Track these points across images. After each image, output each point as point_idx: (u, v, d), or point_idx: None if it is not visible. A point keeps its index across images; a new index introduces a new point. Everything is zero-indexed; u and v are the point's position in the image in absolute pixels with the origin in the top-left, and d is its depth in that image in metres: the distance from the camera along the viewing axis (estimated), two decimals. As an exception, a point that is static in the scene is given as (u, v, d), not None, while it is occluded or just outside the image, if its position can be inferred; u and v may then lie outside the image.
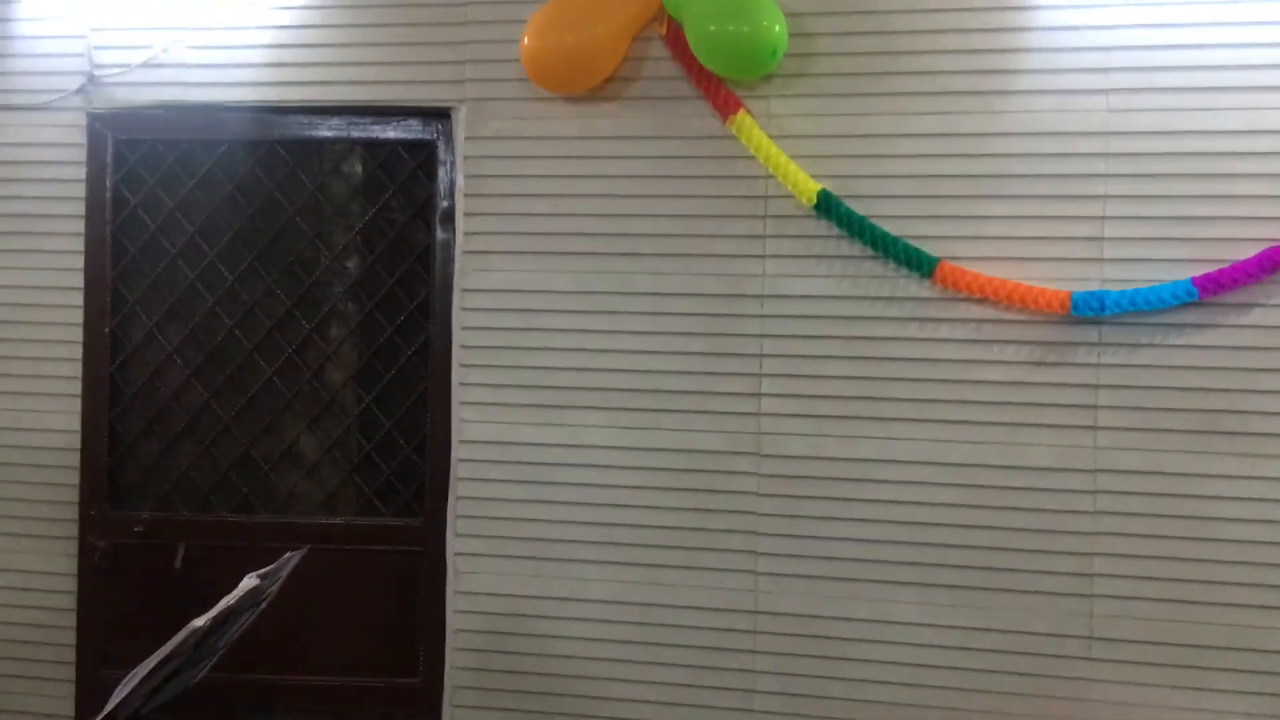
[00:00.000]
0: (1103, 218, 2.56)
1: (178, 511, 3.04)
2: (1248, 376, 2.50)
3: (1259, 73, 2.48)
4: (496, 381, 2.85)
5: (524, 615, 2.85)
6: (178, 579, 2.95)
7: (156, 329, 3.03)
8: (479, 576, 2.86)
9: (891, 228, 2.64)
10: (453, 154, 2.87)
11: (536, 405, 2.83)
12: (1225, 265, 2.48)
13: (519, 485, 2.84)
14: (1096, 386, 2.57)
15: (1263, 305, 2.49)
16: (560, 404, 2.81)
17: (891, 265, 2.65)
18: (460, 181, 2.85)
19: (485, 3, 2.83)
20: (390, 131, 2.94)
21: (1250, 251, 2.46)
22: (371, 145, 2.97)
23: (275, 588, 2.25)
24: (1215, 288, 2.47)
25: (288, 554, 2.28)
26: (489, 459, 2.85)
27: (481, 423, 2.85)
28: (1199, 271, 2.49)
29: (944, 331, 2.64)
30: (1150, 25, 2.53)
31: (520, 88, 2.79)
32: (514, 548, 2.85)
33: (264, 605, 2.26)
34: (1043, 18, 2.58)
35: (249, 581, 2.10)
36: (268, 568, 2.17)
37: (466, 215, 2.85)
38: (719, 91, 2.69)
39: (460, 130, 2.85)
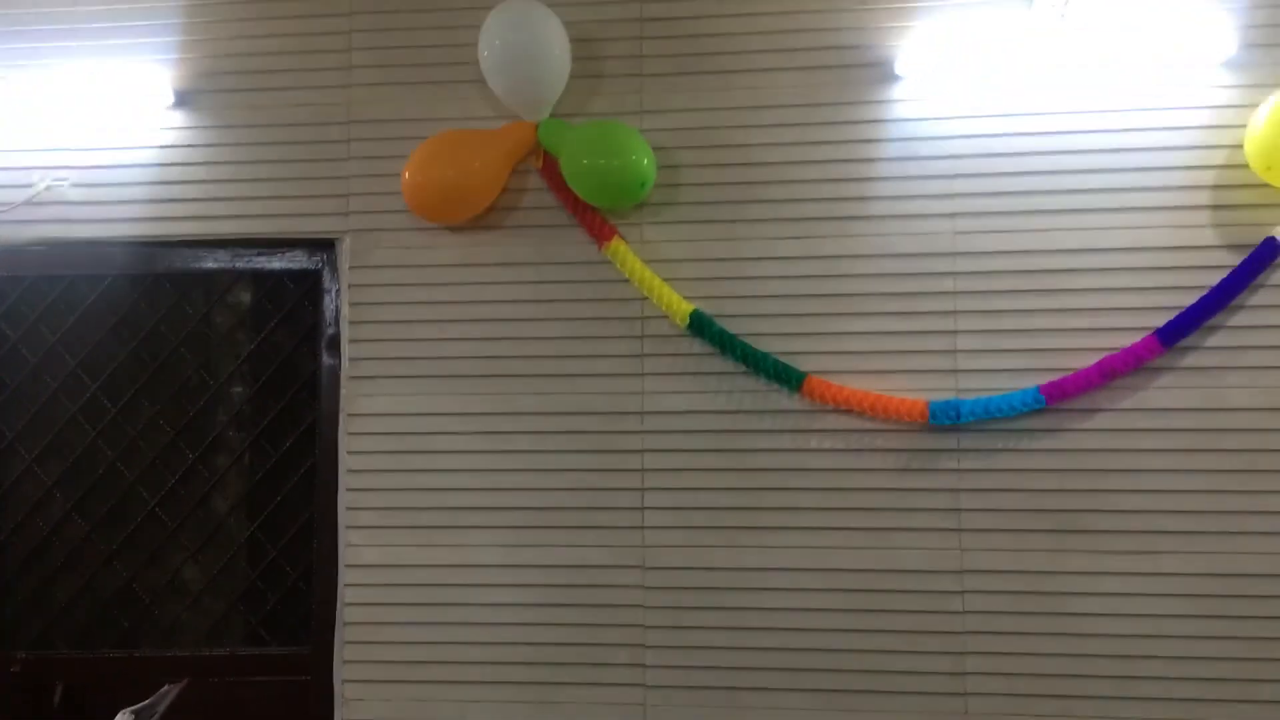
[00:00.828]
0: (955, 331, 2.72)
1: (56, 649, 2.97)
2: (1095, 477, 2.66)
3: (1090, 196, 2.70)
4: (384, 505, 2.87)
5: (414, 741, 2.83)
6: (57, 718, 2.86)
7: (36, 463, 3.00)
8: (367, 704, 2.84)
9: (761, 345, 2.77)
10: (338, 282, 2.94)
11: (424, 527, 2.86)
12: (1069, 373, 2.65)
13: (407, 608, 2.85)
14: (958, 490, 2.70)
15: (1105, 410, 2.66)
16: (448, 524, 2.85)
17: (763, 380, 2.77)
18: (345, 309, 2.91)
19: (368, 139, 2.93)
20: (276, 262, 3.01)
21: (1091, 360, 2.65)
22: (257, 276, 3.03)
23: (153, 724, 2.22)
24: (1060, 394, 2.64)
25: (165, 687, 2.25)
26: (377, 583, 2.86)
27: (369, 546, 2.87)
28: (1045, 380, 2.66)
29: (814, 442, 2.76)
30: (990, 155, 2.75)
31: (403, 218, 2.89)
32: (403, 672, 2.84)
33: (142, 743, 2.23)
34: (893, 149, 2.78)
35: (123, 719, 2.07)
36: (143, 703, 2.14)
37: (352, 342, 2.91)
38: (594, 220, 2.82)
39: (345, 260, 2.92)
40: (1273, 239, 2.59)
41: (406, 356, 2.90)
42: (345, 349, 2.91)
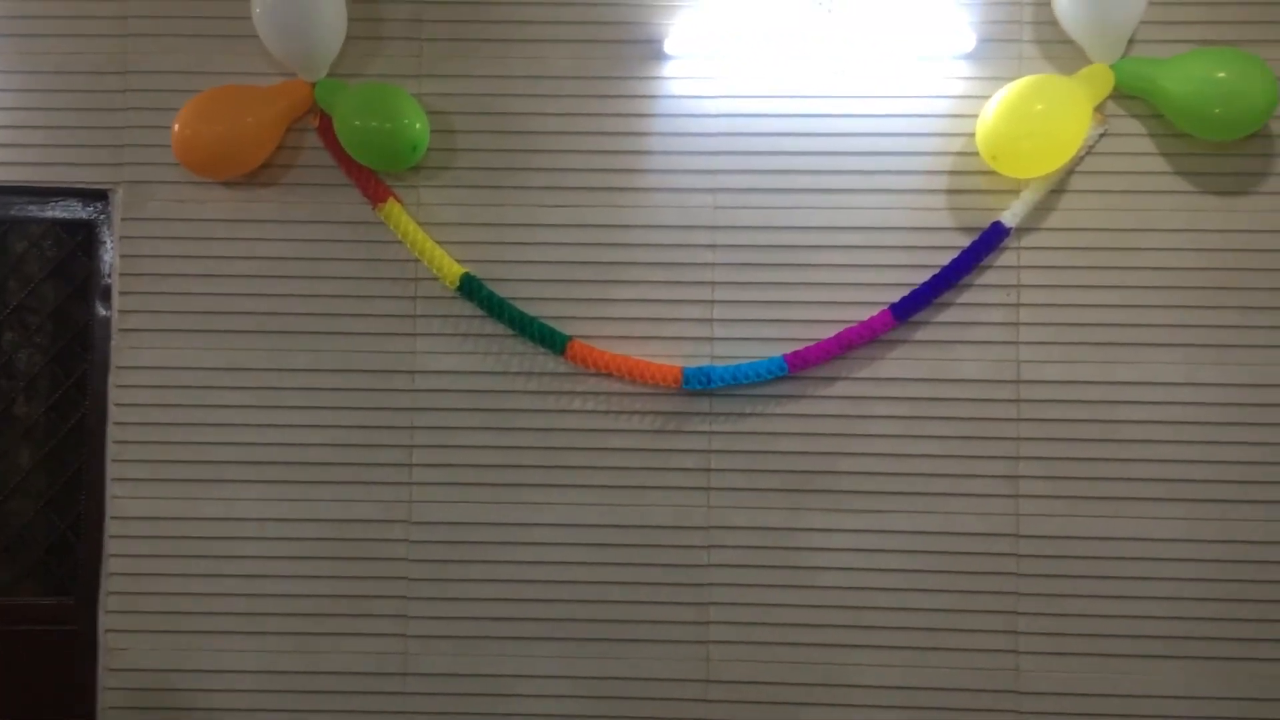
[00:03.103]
0: (711, 301, 2.86)
1: None
2: (833, 441, 2.83)
3: (838, 178, 2.86)
4: (151, 458, 2.89)
5: (177, 689, 2.87)
6: None
7: None
8: (131, 653, 2.87)
9: (530, 309, 2.86)
10: (112, 234, 2.92)
11: (192, 480, 2.88)
12: (812, 344, 2.81)
13: (173, 560, 2.88)
14: (709, 452, 2.85)
15: (844, 379, 2.84)
16: (215, 478, 2.88)
17: (530, 343, 2.86)
18: (116, 262, 2.90)
19: (144, 90, 2.92)
20: (50, 211, 2.98)
21: (832, 332, 2.81)
22: (31, 224, 2.99)
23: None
24: (803, 363, 2.80)
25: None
26: (143, 535, 2.88)
27: (135, 499, 2.88)
28: (791, 349, 2.81)
29: (576, 404, 2.87)
30: (750, 134, 2.88)
31: (178, 171, 2.89)
32: (167, 622, 2.88)
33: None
34: (660, 125, 2.89)
35: None
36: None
37: (122, 294, 2.91)
38: (369, 181, 2.87)
39: (118, 211, 2.91)
40: (999, 223, 2.78)
41: (178, 310, 2.91)
42: (116, 300, 2.90)
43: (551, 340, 2.84)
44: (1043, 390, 2.79)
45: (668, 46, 2.87)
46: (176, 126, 2.79)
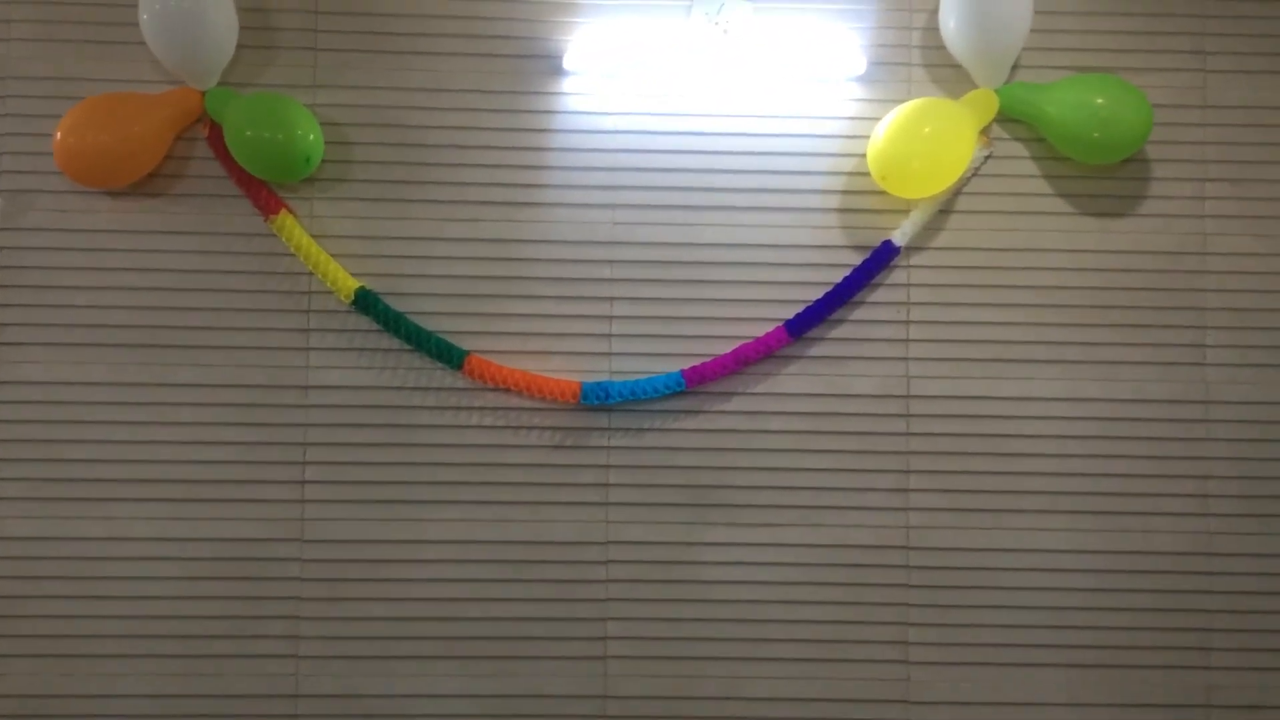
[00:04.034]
0: (610, 317, 2.87)
1: None
2: (731, 455, 2.86)
3: (734, 195, 2.90)
4: (31, 475, 2.80)
5: (60, 715, 2.77)
6: None
7: None
8: (11, 678, 2.78)
9: (427, 324, 2.84)
10: (-9, 244, 2.83)
11: (74, 499, 2.80)
12: (709, 359, 2.84)
13: (54, 581, 2.79)
14: (607, 467, 2.86)
15: (740, 394, 2.87)
16: (99, 496, 2.80)
17: (427, 358, 2.84)
18: (-6, 272, 2.81)
19: (24, 96, 2.83)
20: (-77, 219, 2.86)
21: (729, 347, 2.84)
22: (-98, 232, 2.87)
23: None
24: (700, 378, 2.83)
25: None
26: (23, 555, 2.79)
27: (15, 518, 2.79)
28: (689, 364, 2.84)
29: (474, 419, 2.86)
30: (648, 151, 2.90)
31: (59, 180, 2.81)
32: (50, 646, 2.79)
33: None
34: (559, 140, 2.90)
35: None
36: None
37: (1, 306, 2.81)
38: (261, 192, 2.82)
39: (-4, 220, 2.82)
40: (889, 242, 2.84)
41: (60, 323, 2.83)
42: (-7, 313, 2.81)
43: (449, 355, 2.82)
44: (931, 405, 2.86)
45: (567, 63, 2.87)
46: (59, 134, 2.72)
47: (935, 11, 2.84)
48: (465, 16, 2.90)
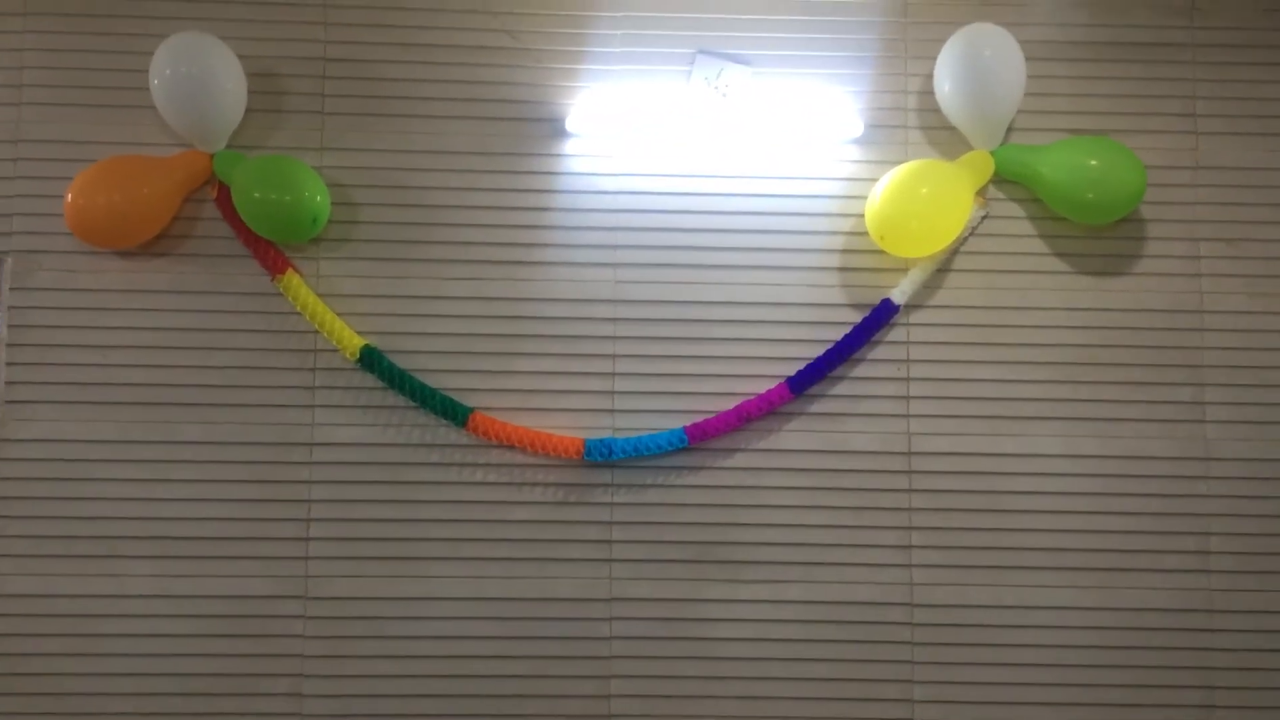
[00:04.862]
0: (613, 374, 2.90)
1: None
2: (733, 512, 2.88)
3: (735, 254, 2.94)
4: (37, 533, 2.81)
5: (58, 775, 2.77)
6: None
7: None
8: (10, 738, 2.76)
9: (431, 381, 2.86)
10: (0, 303, 2.86)
11: (80, 556, 2.81)
12: (711, 416, 2.86)
13: (58, 639, 2.80)
14: (611, 524, 2.87)
15: (742, 450, 2.89)
16: (104, 554, 2.81)
17: (431, 415, 2.86)
18: (3, 331, 2.83)
19: (36, 159, 2.87)
20: (-66, 279, 2.90)
21: (731, 404, 2.87)
22: (-87, 292, 2.91)
23: None
24: (702, 435, 2.85)
25: None
26: (26, 612, 2.80)
27: (20, 575, 2.80)
28: (692, 421, 2.86)
29: (479, 475, 2.88)
30: (649, 211, 2.95)
31: (70, 240, 2.85)
32: (51, 704, 2.79)
33: None
34: (561, 200, 2.94)
35: None
36: None
37: (10, 365, 2.84)
38: (268, 252, 2.86)
39: (6, 280, 2.85)
40: (888, 300, 2.88)
41: (68, 381, 2.85)
42: (2, 371, 2.83)
43: (453, 412, 2.85)
44: (932, 462, 2.88)
45: (569, 125, 2.92)
46: (69, 195, 2.76)
47: (930, 75, 2.90)
48: (468, 81, 2.96)
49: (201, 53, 2.71)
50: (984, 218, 2.92)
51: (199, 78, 2.71)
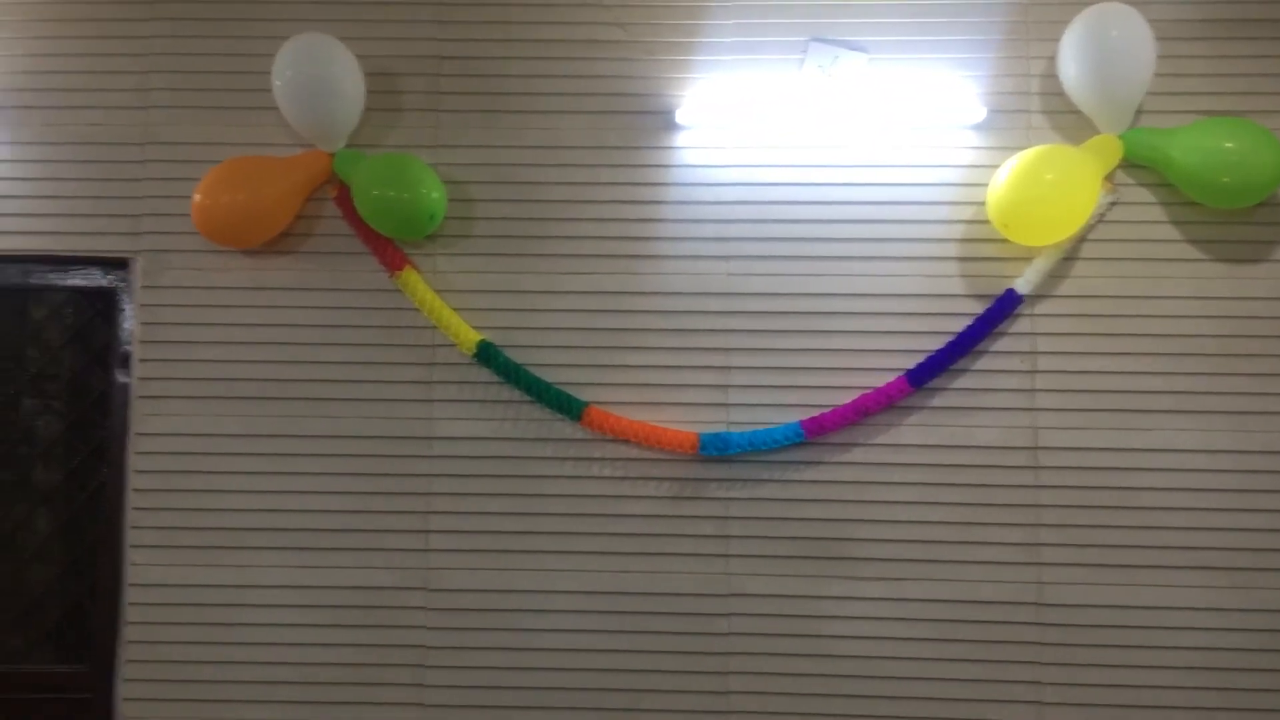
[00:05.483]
0: (727, 368, 2.88)
1: None
2: (850, 508, 2.84)
3: (851, 245, 2.89)
4: (169, 524, 2.90)
5: (191, 759, 2.85)
6: None
7: None
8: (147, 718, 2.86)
9: (546, 375, 2.88)
10: (132, 302, 2.95)
11: (208, 547, 2.89)
12: (828, 410, 2.82)
13: (190, 627, 2.88)
14: (727, 519, 2.85)
15: (860, 445, 2.84)
16: (232, 545, 2.88)
17: (546, 409, 2.87)
18: (136, 329, 2.92)
19: (163, 160, 2.96)
20: (71, 279, 3.01)
21: (848, 398, 2.82)
22: (51, 292, 3.02)
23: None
24: (819, 429, 2.81)
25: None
26: (160, 602, 2.88)
27: (153, 566, 2.89)
28: (807, 415, 2.82)
29: (593, 470, 2.88)
30: (762, 203, 2.91)
31: (197, 240, 2.92)
32: (183, 690, 2.87)
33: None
34: (673, 193, 2.92)
35: None
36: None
37: (142, 361, 2.93)
38: (386, 249, 2.90)
39: (138, 279, 2.94)
40: (1012, 290, 2.80)
41: (196, 377, 2.93)
42: (136, 367, 2.92)
43: (568, 406, 2.85)
44: (1061, 457, 2.79)
45: (680, 117, 2.90)
46: (197, 196, 2.83)
47: (1054, 58, 2.81)
48: (581, 75, 2.95)
49: (322, 54, 2.75)
50: (1112, 204, 2.82)
51: (320, 78, 2.75)
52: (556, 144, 2.94)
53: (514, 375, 2.87)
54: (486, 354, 2.86)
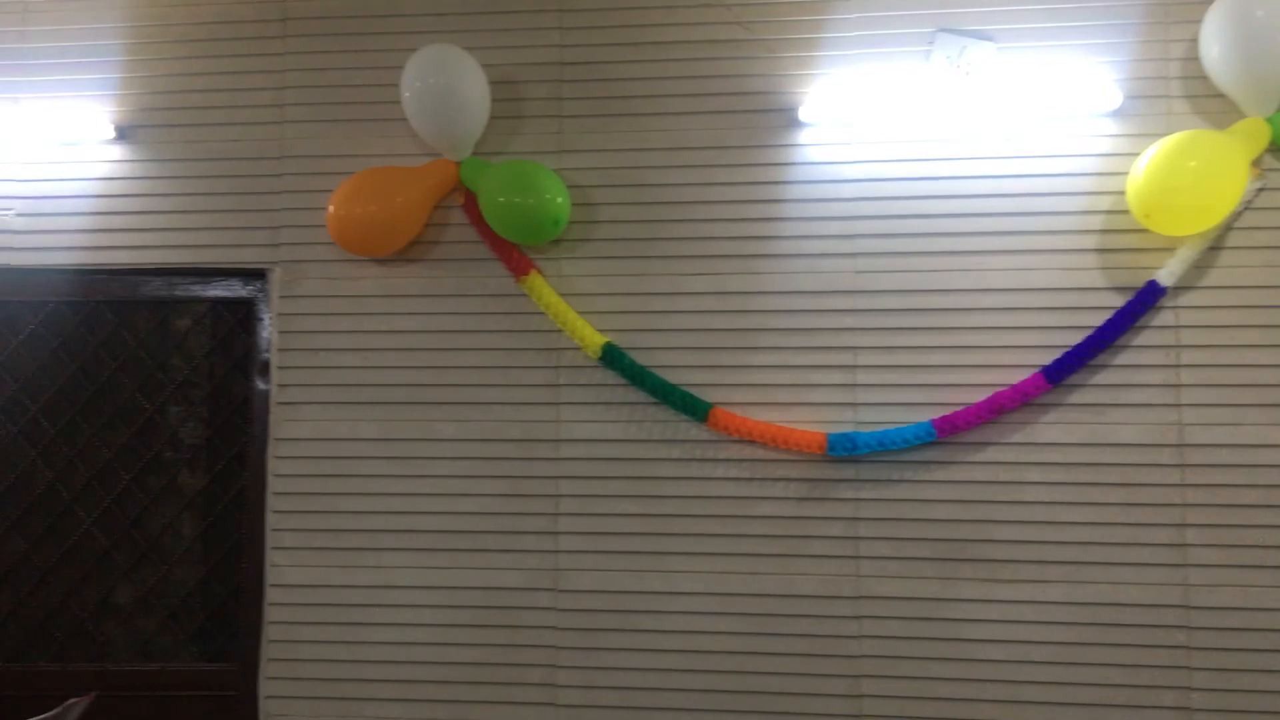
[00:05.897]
0: (854, 366, 2.84)
1: (-9, 662, 3.08)
2: (985, 508, 2.77)
3: (982, 239, 2.82)
4: (307, 526, 2.98)
5: (331, 755, 2.93)
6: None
7: (-25, 483, 3.11)
8: (290, 718, 2.94)
9: (671, 377, 2.88)
10: (270, 311, 3.05)
11: (345, 549, 2.96)
12: (960, 408, 2.76)
13: (328, 627, 2.95)
14: (856, 520, 2.81)
15: (995, 444, 2.78)
16: (368, 546, 2.95)
17: (671, 411, 2.88)
18: (275, 337, 3.02)
19: (298, 174, 3.05)
20: (212, 290, 3.12)
21: (981, 396, 2.76)
22: (193, 303, 3.14)
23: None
24: (952, 428, 2.75)
25: (70, 700, 2.34)
26: (299, 602, 2.97)
27: (293, 567, 2.97)
28: (938, 414, 2.77)
29: (720, 471, 2.87)
30: (888, 199, 2.87)
31: (331, 250, 3.01)
32: (323, 689, 2.94)
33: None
34: (797, 191, 2.90)
35: (25, 730, 2.16)
36: (47, 713, 2.23)
37: (280, 369, 3.02)
38: (512, 255, 2.94)
39: (275, 289, 3.04)
40: (1154, 282, 2.70)
41: (332, 383, 3.01)
42: (274, 375, 3.02)
43: (693, 408, 2.85)
44: (1208, 454, 2.69)
45: (803, 114, 2.88)
46: (331, 207, 2.91)
47: (1195, 40, 2.70)
48: (702, 76, 2.95)
49: (448, 63, 2.81)
50: (1260, 190, 2.70)
51: (447, 88, 2.81)
52: (678, 145, 2.94)
53: (639, 377, 2.88)
54: (611, 356, 2.88)
